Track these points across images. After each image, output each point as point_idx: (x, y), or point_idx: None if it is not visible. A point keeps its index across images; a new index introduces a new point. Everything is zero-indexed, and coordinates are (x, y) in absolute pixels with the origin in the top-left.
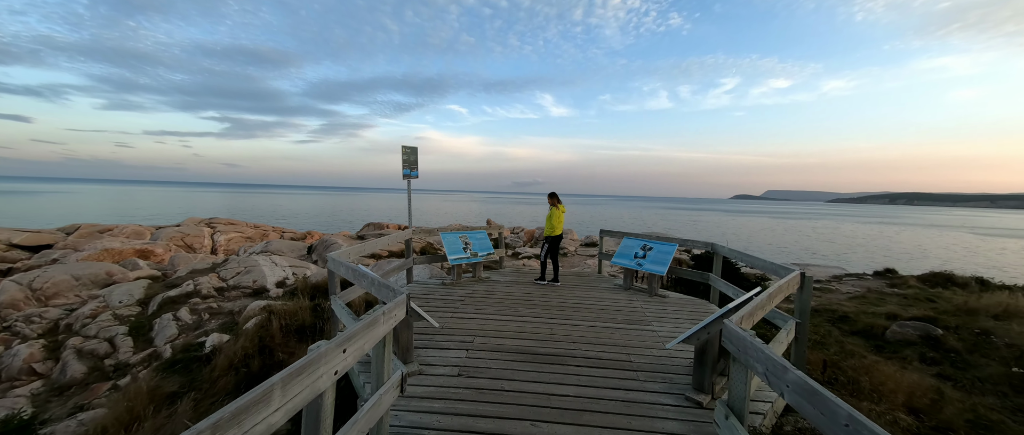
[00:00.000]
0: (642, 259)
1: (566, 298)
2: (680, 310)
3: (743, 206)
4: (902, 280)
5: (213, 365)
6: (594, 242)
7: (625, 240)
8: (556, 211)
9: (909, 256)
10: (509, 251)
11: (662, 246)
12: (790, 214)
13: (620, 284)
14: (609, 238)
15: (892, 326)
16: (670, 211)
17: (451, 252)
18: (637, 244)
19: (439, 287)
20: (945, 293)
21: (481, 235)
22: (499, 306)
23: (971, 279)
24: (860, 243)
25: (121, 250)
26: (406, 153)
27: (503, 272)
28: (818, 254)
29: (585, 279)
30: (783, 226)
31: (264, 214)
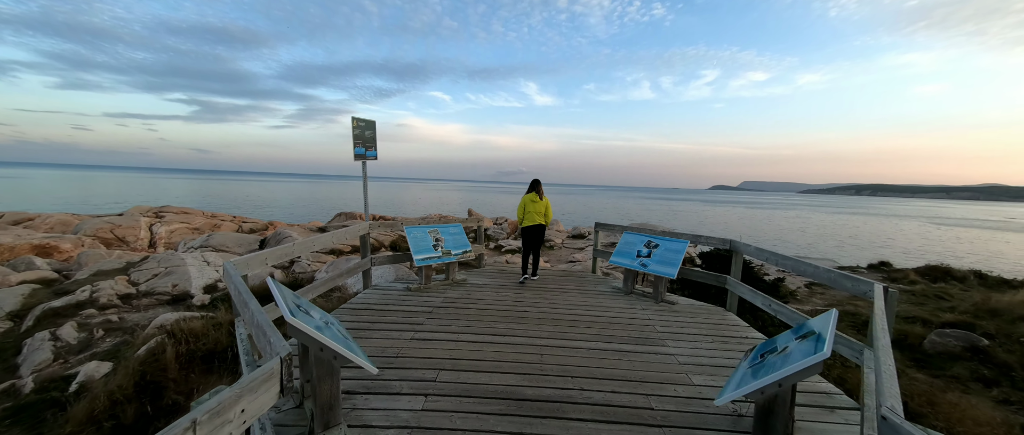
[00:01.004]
0: (646, 258)
1: (558, 307)
2: (696, 322)
3: (720, 197)
4: (901, 274)
5: (67, 416)
6: (582, 234)
7: (625, 236)
8: (527, 198)
9: (874, 245)
10: (491, 244)
11: (670, 243)
12: (765, 204)
13: (619, 287)
14: (604, 232)
15: (930, 335)
16: (651, 201)
17: (417, 251)
18: (640, 240)
19: (403, 294)
20: (951, 289)
21: (456, 229)
22: (475, 321)
23: (969, 273)
24: (831, 233)
25: (13, 246)
26: (358, 127)
27: (483, 272)
28: (794, 244)
29: (578, 280)
30: (760, 216)
31: (232, 203)
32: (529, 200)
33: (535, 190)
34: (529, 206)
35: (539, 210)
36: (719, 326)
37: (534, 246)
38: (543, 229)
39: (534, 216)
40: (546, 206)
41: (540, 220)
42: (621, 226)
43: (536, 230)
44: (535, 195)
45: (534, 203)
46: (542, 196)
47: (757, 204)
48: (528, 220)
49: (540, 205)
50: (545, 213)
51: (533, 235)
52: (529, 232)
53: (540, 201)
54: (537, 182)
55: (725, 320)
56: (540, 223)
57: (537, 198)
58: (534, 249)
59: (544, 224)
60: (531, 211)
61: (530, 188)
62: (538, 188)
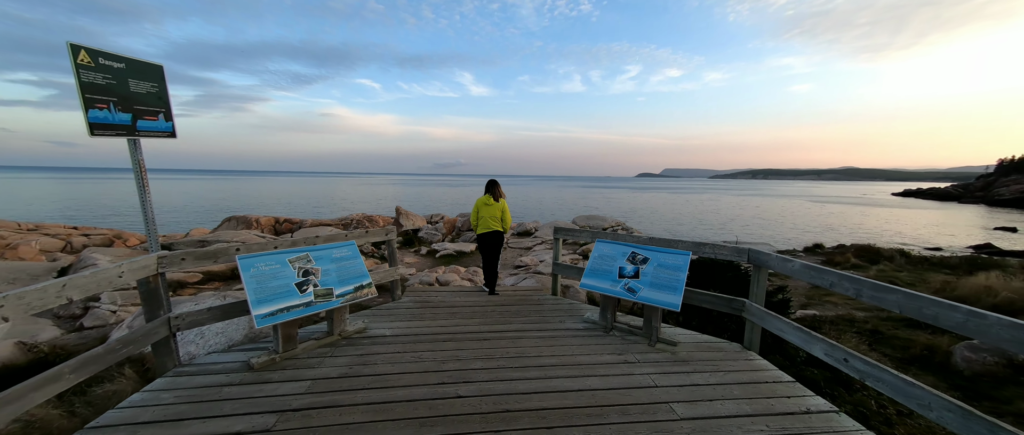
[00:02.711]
0: (633, 279)
1: (511, 366)
2: (718, 380)
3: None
4: (842, 257)
5: None
6: (529, 230)
7: (599, 246)
8: (481, 201)
9: (779, 224)
10: (423, 249)
11: (665, 256)
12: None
13: (594, 320)
14: (567, 239)
15: (958, 350)
16: (587, 190)
17: (263, 297)
18: (620, 252)
19: (239, 376)
20: (898, 273)
21: (344, 251)
22: (369, 421)
23: (895, 252)
24: (737, 213)
25: None
26: (98, 69)
27: (398, 310)
28: (719, 228)
29: (536, 309)
30: (681, 200)
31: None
32: (483, 203)
33: (491, 192)
34: (483, 210)
35: (495, 214)
36: (756, 385)
37: (492, 257)
38: (501, 236)
39: (489, 221)
40: (503, 210)
41: (496, 226)
42: (590, 231)
43: (492, 238)
44: (489, 197)
45: (489, 206)
46: (499, 198)
47: (678, 189)
48: (482, 226)
49: (496, 209)
50: (503, 218)
51: (489, 244)
52: (484, 241)
53: (495, 204)
54: (493, 183)
55: (757, 372)
56: (496, 230)
57: (492, 200)
58: (492, 260)
59: (502, 231)
60: (486, 216)
61: (486, 190)
62: (494, 189)
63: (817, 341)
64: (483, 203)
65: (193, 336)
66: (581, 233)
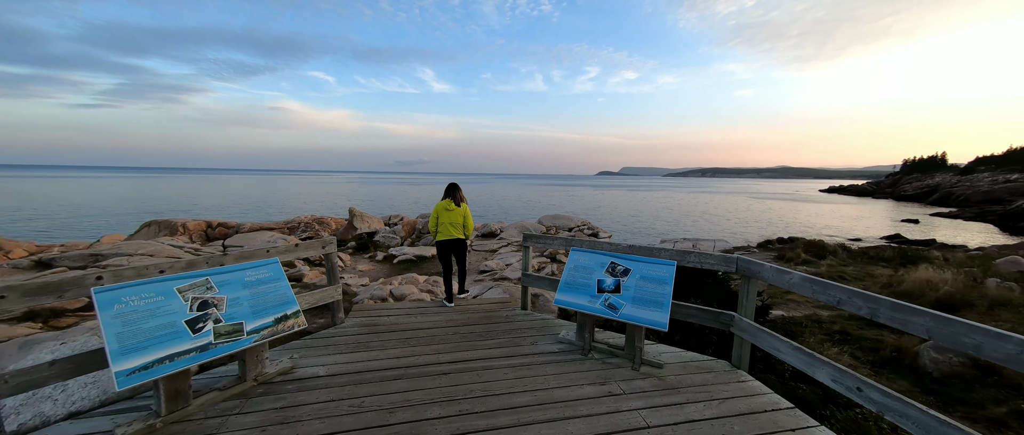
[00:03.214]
0: (613, 293)
1: (478, 405)
2: (722, 421)
3: (606, 181)
4: (793, 253)
5: None
6: (494, 231)
7: (574, 255)
8: (441, 206)
9: (726, 220)
10: (379, 255)
11: (648, 267)
12: (641, 187)
13: (570, 339)
14: (536, 247)
15: (924, 351)
16: (550, 188)
17: (132, 345)
18: (598, 263)
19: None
20: (845, 268)
21: (262, 272)
22: None
23: (837, 247)
24: (689, 209)
25: None
26: None
27: (341, 335)
28: (674, 224)
29: (503, 327)
30: (638, 197)
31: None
32: (443, 208)
33: (450, 196)
34: (443, 216)
35: (455, 221)
36: (755, 417)
37: (454, 264)
38: (463, 244)
39: (450, 228)
40: (465, 215)
41: (457, 233)
42: (564, 239)
43: (453, 246)
44: (450, 202)
45: (449, 212)
46: (460, 203)
47: (635, 187)
48: (442, 233)
49: (457, 214)
50: (465, 224)
51: (449, 252)
52: (445, 248)
53: (456, 209)
54: (454, 187)
55: (754, 397)
56: (457, 237)
57: (452, 205)
58: (457, 264)
59: (464, 238)
60: (445, 222)
61: (445, 194)
62: (455, 193)
63: (822, 365)
64: (443, 208)
65: (49, 390)
66: (553, 240)
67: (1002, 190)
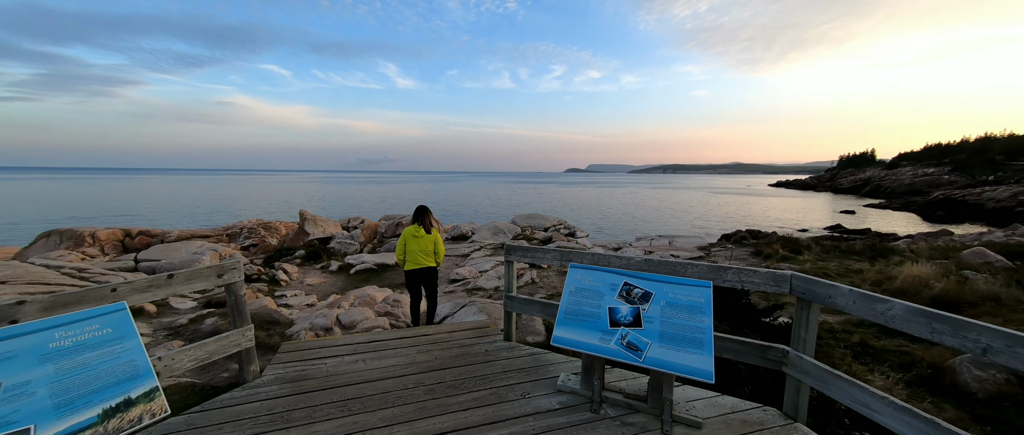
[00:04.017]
0: (632, 327)
1: None
2: None
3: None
4: (771, 248)
5: None
6: (465, 234)
7: (575, 273)
8: (409, 232)
9: (689, 214)
10: (333, 264)
11: (678, 289)
12: (608, 184)
13: (572, 388)
14: (522, 261)
15: (966, 369)
16: (520, 185)
17: None
18: (608, 283)
19: None
20: (826, 264)
21: (88, 330)
22: None
23: (810, 241)
24: (656, 204)
25: None
26: None
27: (249, 401)
28: (642, 221)
29: (483, 367)
30: (606, 194)
31: None
32: (411, 235)
33: (419, 221)
34: (411, 243)
35: (425, 247)
36: None
37: (425, 293)
38: (434, 272)
39: (419, 257)
40: (435, 242)
41: (427, 261)
42: (556, 251)
43: (423, 275)
44: (419, 228)
45: (418, 239)
46: (431, 229)
47: (603, 184)
48: (411, 262)
49: (427, 241)
50: (436, 251)
51: (419, 281)
52: (413, 278)
53: (426, 236)
54: (423, 210)
55: None
56: (427, 266)
57: (421, 232)
58: (427, 296)
59: (434, 266)
60: (414, 250)
61: (414, 218)
62: (424, 218)
63: (900, 410)
64: (411, 235)
65: None
66: (542, 253)
67: (921, 182)
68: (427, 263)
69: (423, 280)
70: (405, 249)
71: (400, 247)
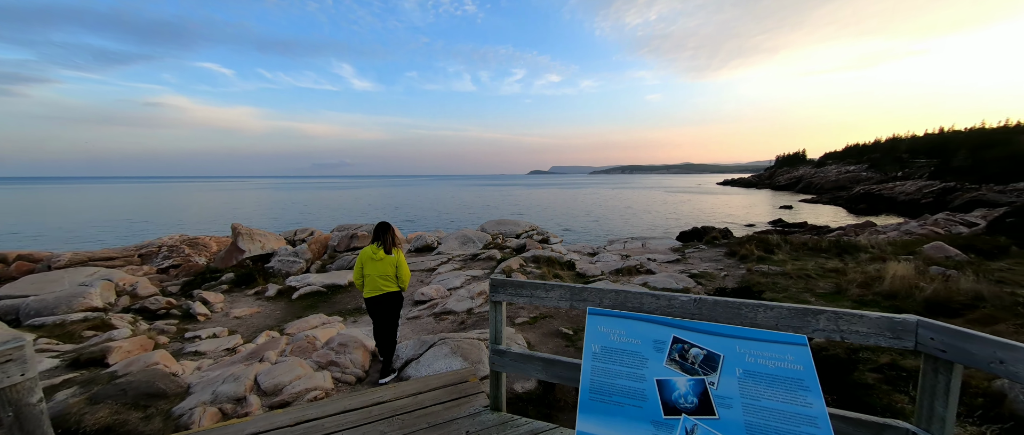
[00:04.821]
0: (697, 413)
1: None
2: None
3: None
4: (746, 249)
5: None
6: (430, 245)
7: (596, 323)
8: (367, 253)
9: (649, 213)
10: (273, 286)
11: (757, 346)
12: (571, 185)
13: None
14: (522, 301)
15: (1016, 395)
16: (483, 188)
17: None
18: (651, 340)
19: None
20: (805, 264)
21: None
22: None
23: (780, 240)
24: (616, 204)
25: None
26: None
27: None
28: (604, 220)
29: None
30: (569, 195)
31: None
32: (369, 256)
33: (379, 240)
34: (370, 266)
35: (385, 271)
36: None
37: (385, 323)
38: (398, 298)
39: (379, 282)
40: (397, 264)
41: (390, 287)
42: (560, 289)
43: (384, 303)
44: (378, 248)
45: (378, 261)
46: (392, 249)
47: (566, 185)
48: (370, 288)
49: (387, 264)
50: (398, 274)
51: (381, 309)
52: (375, 306)
53: (387, 258)
54: (384, 227)
55: None
56: (389, 291)
57: (382, 253)
58: (385, 329)
59: (398, 291)
60: (372, 274)
61: (373, 237)
62: (386, 237)
63: None
64: (369, 256)
65: None
66: (545, 290)
67: (845, 179)
68: (389, 288)
69: (386, 307)
70: (362, 273)
71: (357, 270)
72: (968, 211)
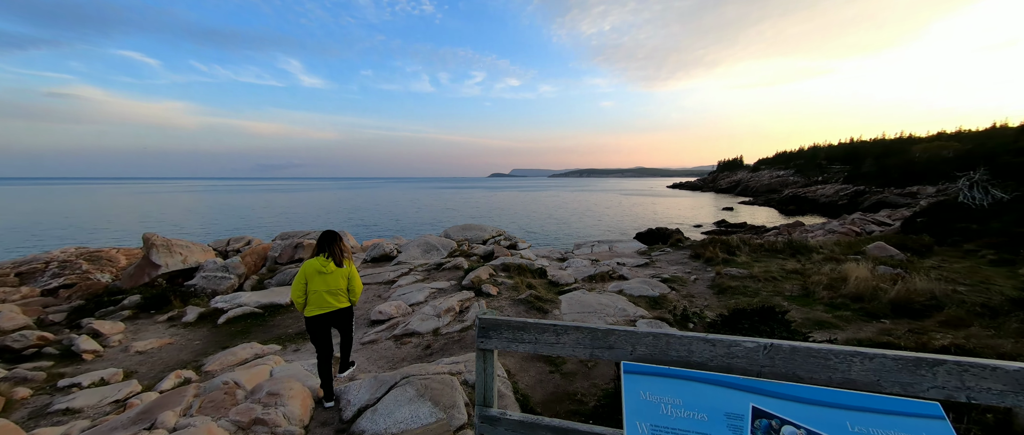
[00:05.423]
0: None
1: None
2: None
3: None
4: (711, 251)
5: None
6: (388, 254)
7: (634, 385)
8: (312, 266)
9: (605, 215)
10: (193, 309)
11: (873, 420)
12: (531, 188)
13: None
14: (509, 343)
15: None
16: (444, 191)
17: None
18: (719, 410)
19: None
20: (766, 266)
21: None
22: None
23: (739, 242)
24: (576, 207)
25: None
26: None
27: None
28: (564, 222)
29: None
30: (530, 198)
31: None
32: (316, 269)
33: (326, 250)
34: (315, 281)
35: (335, 286)
36: None
37: (330, 346)
38: (348, 314)
39: (326, 298)
40: (350, 276)
41: (339, 303)
42: (576, 332)
43: (331, 320)
44: (326, 260)
45: (326, 275)
46: (343, 261)
47: (527, 188)
48: (315, 305)
49: (337, 278)
50: (351, 287)
51: (328, 327)
52: (320, 326)
53: (337, 271)
54: (331, 237)
55: None
56: (340, 308)
57: (331, 266)
58: (334, 349)
59: (348, 306)
60: (319, 289)
61: (318, 246)
62: (334, 246)
63: None
64: (316, 269)
65: None
66: (552, 334)
67: (776, 183)
68: (338, 304)
69: (333, 323)
70: (305, 288)
71: (298, 285)
72: (876, 211)
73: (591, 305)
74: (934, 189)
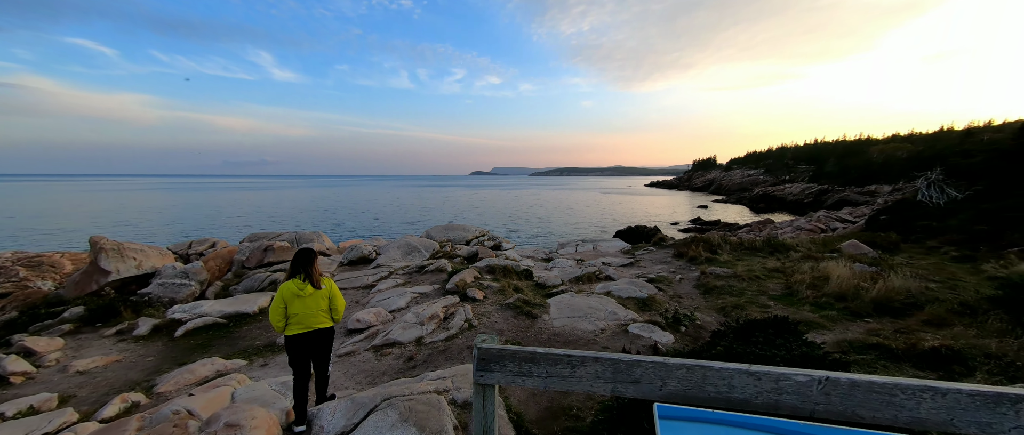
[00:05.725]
0: None
1: None
2: None
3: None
4: (694, 250)
5: None
6: (366, 257)
7: (669, 430)
8: (288, 289)
9: (587, 213)
10: (147, 321)
11: None
12: (512, 186)
13: None
14: (514, 378)
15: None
16: (423, 190)
17: None
18: None
19: None
20: (753, 264)
21: None
22: None
23: (720, 239)
24: (557, 205)
25: None
26: None
27: None
28: (546, 221)
29: None
30: (511, 196)
31: None
32: (293, 293)
33: (302, 272)
34: (295, 305)
35: (316, 307)
36: None
37: (308, 370)
38: (329, 336)
39: (307, 319)
40: (331, 296)
41: (320, 322)
42: (596, 363)
43: (316, 339)
44: (303, 281)
45: (305, 298)
46: (320, 282)
47: (508, 186)
48: (297, 324)
49: (318, 299)
50: (332, 306)
51: (308, 350)
52: (303, 344)
53: (316, 293)
54: (307, 255)
55: None
56: (320, 327)
57: (308, 288)
58: (313, 374)
59: (330, 326)
60: (301, 312)
61: (293, 268)
62: (310, 268)
63: None
64: (294, 293)
65: None
66: (566, 367)
67: (747, 182)
68: (323, 324)
69: (314, 347)
70: (283, 310)
71: (277, 309)
72: (839, 209)
73: (581, 308)
74: (891, 188)
